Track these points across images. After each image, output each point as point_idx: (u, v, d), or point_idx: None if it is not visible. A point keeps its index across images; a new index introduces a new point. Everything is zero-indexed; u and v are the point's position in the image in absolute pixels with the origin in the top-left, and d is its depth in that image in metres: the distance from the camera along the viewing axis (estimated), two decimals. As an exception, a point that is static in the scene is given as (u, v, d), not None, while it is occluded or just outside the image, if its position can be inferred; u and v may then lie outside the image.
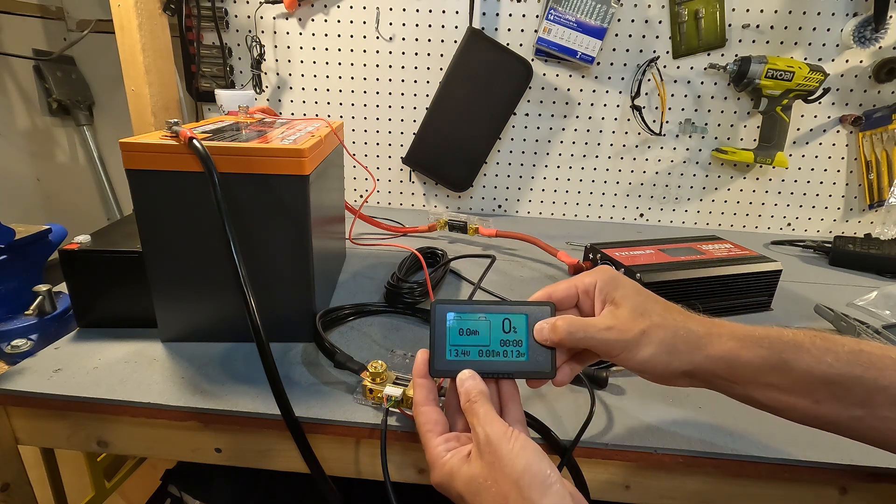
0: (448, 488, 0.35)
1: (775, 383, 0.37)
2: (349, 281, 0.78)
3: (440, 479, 0.36)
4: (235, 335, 0.59)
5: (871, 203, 1.14)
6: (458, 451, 0.36)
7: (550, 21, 1.01)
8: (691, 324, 0.38)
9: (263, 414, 0.48)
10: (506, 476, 0.32)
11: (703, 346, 0.37)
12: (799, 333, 0.37)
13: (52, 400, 0.50)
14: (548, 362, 0.40)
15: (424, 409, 0.39)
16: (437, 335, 0.40)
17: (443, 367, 0.40)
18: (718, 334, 0.38)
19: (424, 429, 0.38)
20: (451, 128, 1.10)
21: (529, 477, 0.32)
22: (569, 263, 0.83)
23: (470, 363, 0.40)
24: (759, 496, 0.50)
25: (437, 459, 0.36)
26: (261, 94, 1.14)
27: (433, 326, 0.40)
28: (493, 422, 0.35)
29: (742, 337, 0.37)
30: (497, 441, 0.33)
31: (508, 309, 0.41)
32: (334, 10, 1.08)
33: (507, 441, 0.33)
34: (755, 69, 1.01)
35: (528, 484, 0.31)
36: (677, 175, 1.17)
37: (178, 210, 0.53)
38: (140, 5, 0.96)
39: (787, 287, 0.84)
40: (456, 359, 0.40)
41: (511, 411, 0.39)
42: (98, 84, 1.33)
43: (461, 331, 0.40)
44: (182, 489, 0.77)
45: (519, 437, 0.34)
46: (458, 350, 0.40)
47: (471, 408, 0.36)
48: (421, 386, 0.40)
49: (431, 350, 0.40)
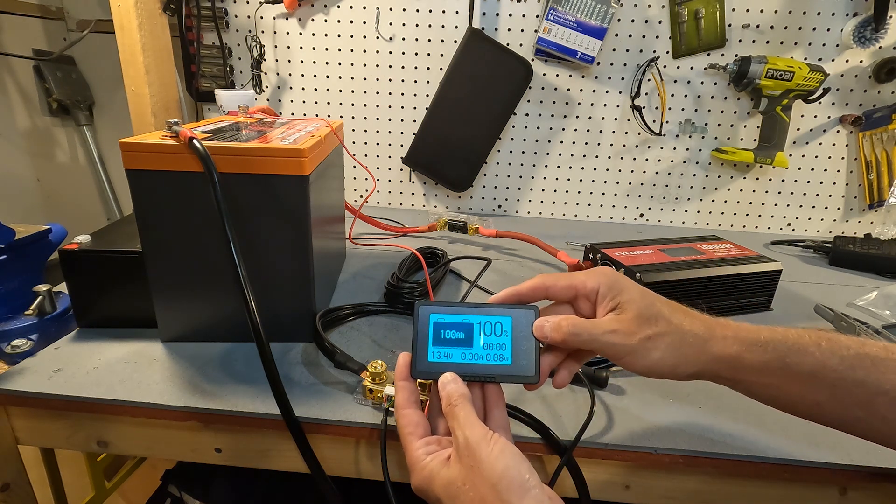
0: (427, 492, 0.35)
1: (777, 384, 0.38)
2: (349, 281, 0.78)
3: (420, 483, 0.36)
4: (235, 335, 0.59)
5: (871, 203, 1.14)
6: (438, 455, 0.36)
7: (550, 21, 1.01)
8: (696, 327, 0.38)
9: (263, 414, 0.49)
10: (484, 479, 0.32)
11: (708, 350, 0.38)
12: (804, 335, 0.38)
13: (52, 400, 0.50)
14: (531, 366, 0.39)
15: (405, 411, 0.38)
16: (419, 337, 0.40)
17: (424, 369, 0.39)
18: (723, 336, 0.38)
19: (405, 431, 0.38)
20: (451, 128, 1.10)
21: (507, 481, 0.32)
22: (569, 263, 0.83)
23: (452, 366, 0.39)
24: (759, 496, 0.50)
25: (416, 462, 0.36)
26: (261, 94, 1.14)
27: (415, 328, 0.40)
28: (473, 425, 0.35)
29: (746, 340, 0.37)
30: (476, 444, 0.33)
31: (492, 311, 0.40)
32: (334, 10, 1.08)
33: (486, 444, 0.33)
34: (755, 69, 1.01)
35: (506, 487, 0.31)
36: (677, 175, 1.17)
37: (178, 210, 0.53)
38: (140, 5, 0.96)
39: (787, 287, 0.84)
40: (438, 361, 0.39)
41: (495, 417, 0.39)
42: (98, 84, 1.33)
43: (444, 333, 0.40)
44: (182, 489, 0.77)
45: (498, 441, 0.34)
46: (441, 352, 0.39)
47: (451, 411, 0.36)
48: (402, 388, 0.39)
49: (414, 352, 0.39)
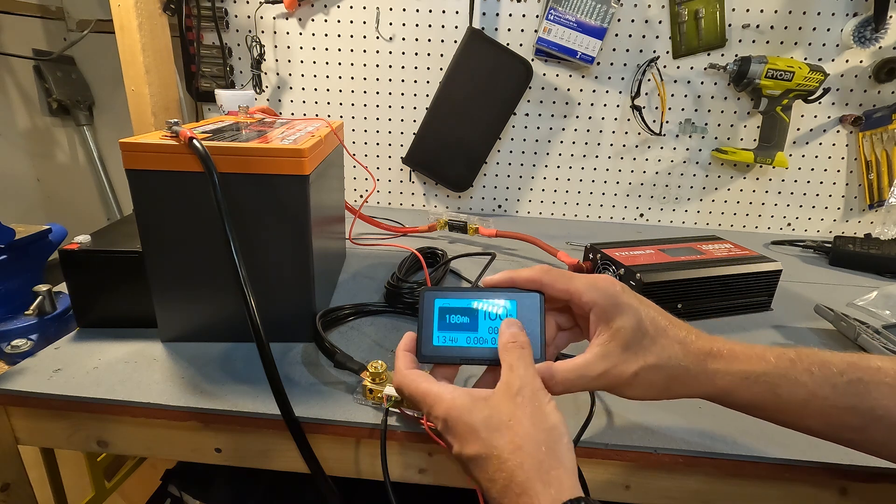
0: (457, 422, 0.35)
1: (769, 414, 0.39)
2: (349, 281, 0.78)
3: (449, 412, 0.35)
4: (235, 335, 0.59)
5: (871, 203, 1.14)
6: (471, 391, 0.36)
7: (550, 21, 1.01)
8: (688, 360, 0.38)
9: (263, 414, 0.48)
10: (537, 424, 0.33)
11: (697, 384, 0.38)
12: (796, 362, 0.37)
13: (52, 400, 0.50)
14: (537, 348, 0.39)
15: (410, 372, 0.39)
16: (424, 321, 0.40)
17: (430, 353, 0.40)
18: (714, 371, 0.38)
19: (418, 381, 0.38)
20: (451, 128, 1.10)
21: (558, 433, 0.34)
22: (569, 263, 0.83)
23: (458, 349, 0.39)
24: (759, 496, 0.50)
25: (445, 394, 0.36)
26: (261, 94, 1.14)
27: (421, 313, 0.40)
28: (535, 375, 0.36)
29: (738, 374, 0.37)
30: (536, 392, 0.35)
31: (496, 296, 0.40)
32: (334, 10, 1.08)
33: (545, 396, 0.35)
34: (755, 69, 1.01)
35: (556, 438, 0.33)
36: (677, 175, 1.17)
37: (178, 210, 0.53)
38: (140, 5, 0.96)
39: (787, 287, 0.84)
40: (444, 345, 0.40)
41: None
42: (98, 84, 1.33)
43: (449, 318, 0.40)
44: (182, 489, 0.77)
45: (553, 399, 0.35)
46: (446, 336, 0.40)
47: (520, 353, 0.37)
48: (404, 356, 0.40)
49: (419, 336, 0.40)
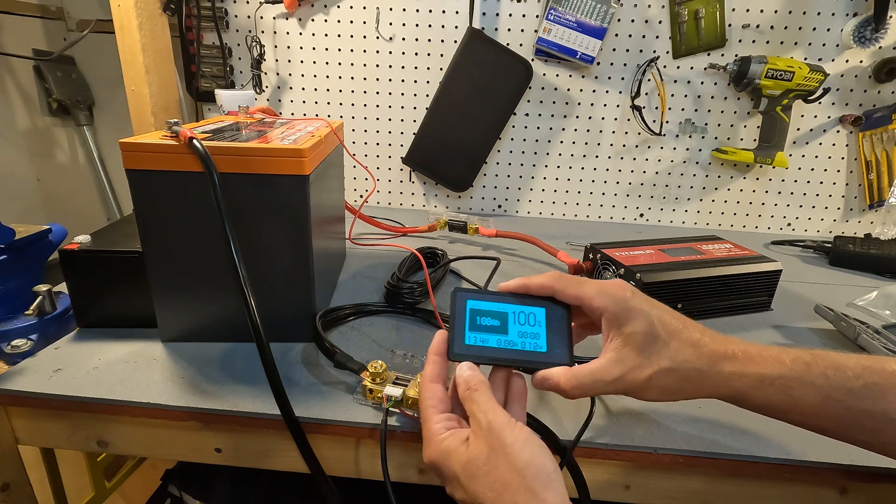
0: (441, 466, 0.35)
1: (782, 415, 0.39)
2: (349, 281, 0.78)
3: (434, 456, 0.36)
4: (235, 335, 0.59)
5: (871, 203, 1.14)
6: (458, 433, 0.36)
7: (550, 21, 1.01)
8: (701, 362, 0.38)
9: (263, 414, 0.48)
10: (509, 464, 0.32)
11: (713, 385, 0.38)
12: (811, 365, 0.37)
13: (52, 400, 0.50)
14: (565, 354, 0.40)
15: (432, 385, 0.39)
16: (457, 321, 0.41)
17: (461, 352, 0.40)
18: (729, 373, 0.38)
19: (428, 403, 0.38)
20: (451, 128, 1.10)
21: (535, 469, 0.32)
22: (569, 263, 0.83)
23: (489, 349, 0.40)
24: (759, 496, 0.50)
25: (434, 435, 0.36)
26: (261, 94, 1.14)
27: (453, 312, 0.41)
28: (495, 410, 0.35)
29: (752, 377, 0.37)
30: (500, 428, 0.34)
31: (526, 301, 0.42)
32: (334, 10, 1.08)
33: (510, 430, 0.34)
34: (755, 69, 1.01)
35: (533, 475, 0.32)
36: (677, 175, 1.17)
37: (178, 210, 0.53)
38: (140, 5, 0.96)
39: (787, 287, 0.84)
40: (475, 345, 0.40)
41: (515, 411, 0.39)
42: (98, 84, 1.33)
43: (480, 319, 0.41)
44: (182, 489, 0.77)
45: (524, 429, 0.34)
46: (477, 337, 0.40)
47: (471, 396, 0.36)
48: (434, 363, 0.40)
49: (451, 334, 0.40)
